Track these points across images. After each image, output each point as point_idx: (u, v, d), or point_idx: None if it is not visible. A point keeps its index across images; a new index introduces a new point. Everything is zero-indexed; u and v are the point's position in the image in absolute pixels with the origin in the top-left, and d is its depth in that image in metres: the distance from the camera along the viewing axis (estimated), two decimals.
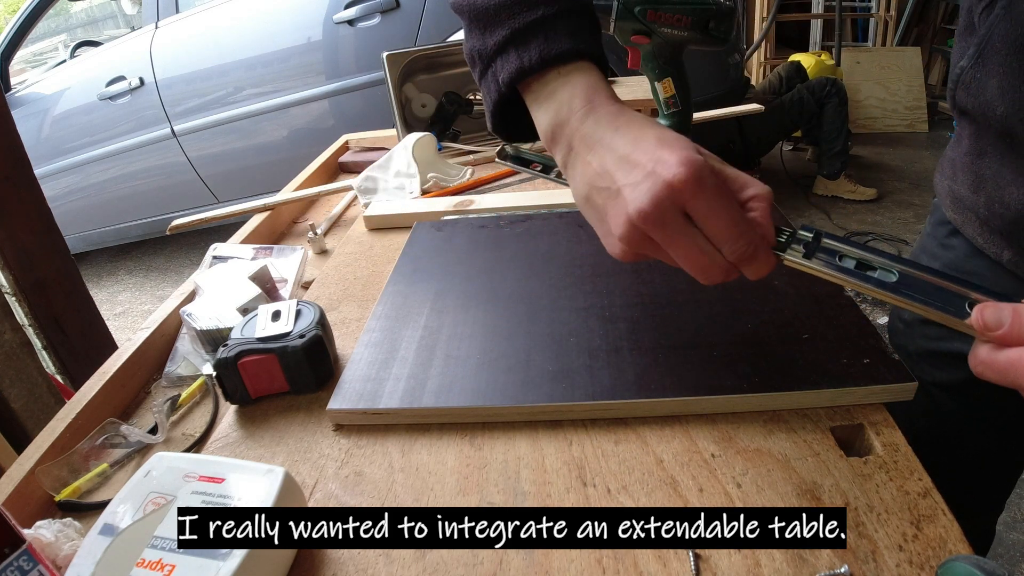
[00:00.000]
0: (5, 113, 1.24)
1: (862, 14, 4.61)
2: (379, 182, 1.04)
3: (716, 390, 0.47)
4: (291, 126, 2.86)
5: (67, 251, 1.34)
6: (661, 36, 0.86)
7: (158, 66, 2.87)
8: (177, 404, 0.62)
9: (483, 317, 0.59)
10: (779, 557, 0.36)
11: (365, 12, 2.54)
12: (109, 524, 0.38)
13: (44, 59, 4.88)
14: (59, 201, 3.18)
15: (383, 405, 0.50)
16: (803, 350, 0.50)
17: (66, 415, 0.58)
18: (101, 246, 3.60)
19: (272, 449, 0.50)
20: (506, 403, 0.49)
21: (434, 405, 0.49)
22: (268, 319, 0.56)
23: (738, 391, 0.47)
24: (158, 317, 0.73)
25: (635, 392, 0.48)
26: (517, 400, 0.49)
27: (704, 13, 0.84)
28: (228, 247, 0.87)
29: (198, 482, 0.40)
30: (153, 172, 3.13)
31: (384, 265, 0.77)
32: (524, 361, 0.52)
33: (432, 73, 1.24)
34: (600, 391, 0.48)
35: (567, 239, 0.72)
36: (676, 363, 0.50)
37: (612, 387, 0.48)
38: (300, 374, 0.54)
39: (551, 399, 0.48)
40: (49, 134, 3.18)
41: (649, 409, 0.48)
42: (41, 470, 0.53)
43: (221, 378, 0.53)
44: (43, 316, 1.25)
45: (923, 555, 0.36)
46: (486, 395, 0.49)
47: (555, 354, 0.53)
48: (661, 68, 0.90)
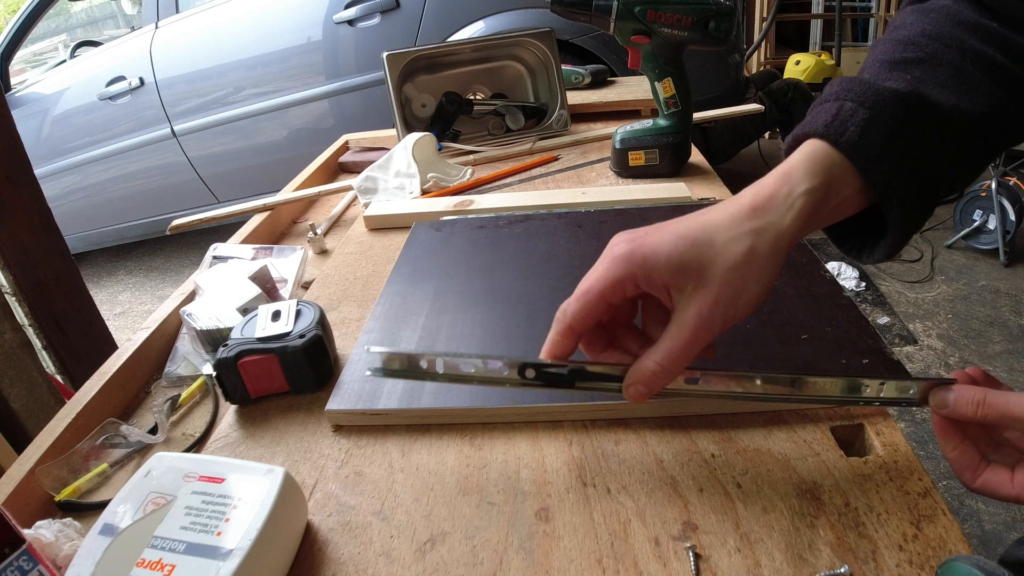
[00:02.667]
0: (5, 113, 1.24)
1: (862, 14, 4.61)
2: (379, 182, 1.04)
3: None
4: (291, 126, 2.86)
5: (67, 251, 1.34)
6: (661, 36, 0.87)
7: (158, 66, 2.87)
8: (177, 404, 0.62)
9: (482, 317, 0.59)
10: (779, 557, 0.36)
11: (365, 12, 2.54)
12: (109, 524, 0.38)
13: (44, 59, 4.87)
14: (59, 201, 3.18)
15: (382, 405, 0.50)
16: (802, 350, 0.50)
17: (66, 415, 0.58)
18: (101, 246, 3.60)
19: (272, 449, 0.50)
20: (505, 404, 0.49)
21: (433, 406, 0.49)
22: (268, 319, 0.56)
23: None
24: (158, 317, 0.73)
25: None
26: (516, 401, 0.49)
27: (704, 13, 0.84)
28: (228, 247, 0.87)
29: (198, 482, 0.40)
30: (153, 172, 3.13)
31: (384, 265, 0.77)
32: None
33: (432, 73, 1.24)
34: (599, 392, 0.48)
35: (567, 239, 0.72)
36: None
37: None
38: (300, 374, 0.54)
39: (551, 400, 0.48)
40: (49, 134, 3.18)
41: (649, 410, 0.48)
42: (41, 470, 0.53)
43: (221, 378, 0.53)
44: (43, 316, 1.25)
45: (923, 555, 0.36)
46: (485, 396, 0.49)
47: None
48: (661, 68, 0.90)
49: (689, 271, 0.38)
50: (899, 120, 0.39)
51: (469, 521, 0.41)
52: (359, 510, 0.43)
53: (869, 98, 0.40)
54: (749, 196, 0.40)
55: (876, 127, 0.39)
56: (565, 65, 1.38)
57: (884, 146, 0.39)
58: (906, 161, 0.40)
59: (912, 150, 0.40)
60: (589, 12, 0.88)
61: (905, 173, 0.40)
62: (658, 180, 0.95)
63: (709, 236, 0.39)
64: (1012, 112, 0.42)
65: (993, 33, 0.42)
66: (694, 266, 0.38)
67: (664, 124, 0.94)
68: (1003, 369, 1.95)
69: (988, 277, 2.42)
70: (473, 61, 1.26)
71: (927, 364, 2.00)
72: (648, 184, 0.91)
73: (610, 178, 1.01)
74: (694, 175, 0.96)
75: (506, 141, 1.22)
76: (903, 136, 0.39)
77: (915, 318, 2.23)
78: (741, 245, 0.38)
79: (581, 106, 1.34)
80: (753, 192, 0.40)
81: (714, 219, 0.39)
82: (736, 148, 3.18)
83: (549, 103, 1.25)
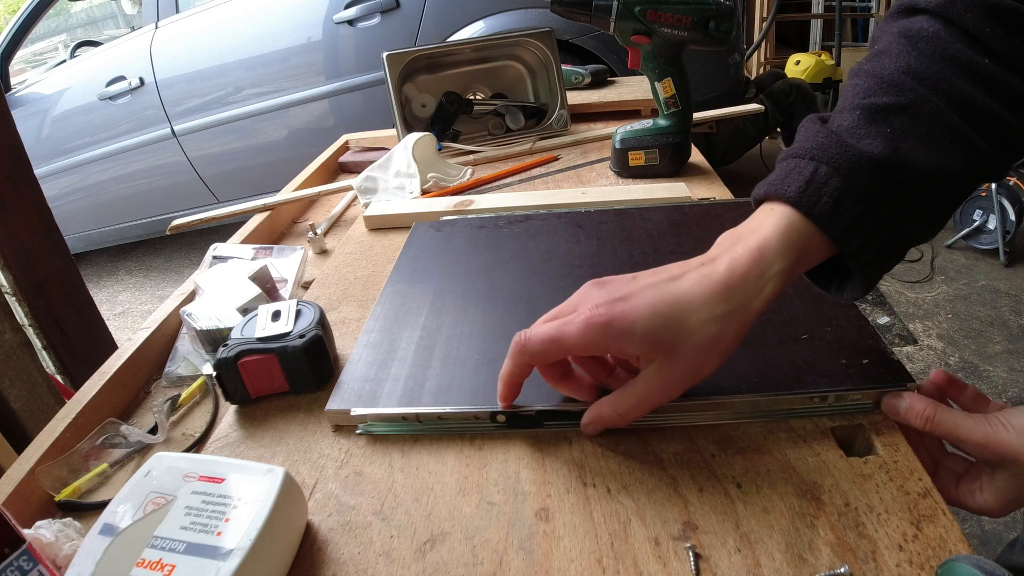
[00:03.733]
0: (5, 113, 1.24)
1: (862, 14, 4.61)
2: (379, 182, 1.04)
3: (715, 391, 0.47)
4: (291, 126, 2.86)
5: (67, 251, 1.34)
6: (661, 36, 0.87)
7: (158, 66, 2.87)
8: (177, 404, 0.62)
9: (482, 317, 0.59)
10: (779, 557, 0.36)
11: (365, 12, 2.54)
12: (109, 524, 0.38)
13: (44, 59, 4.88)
14: (59, 201, 3.18)
15: (381, 407, 0.50)
16: (802, 350, 0.50)
17: (66, 415, 0.58)
18: (101, 246, 3.60)
19: (272, 449, 0.50)
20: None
21: (432, 408, 0.49)
22: (268, 319, 0.56)
23: (736, 392, 0.47)
24: (158, 317, 0.73)
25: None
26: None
27: (704, 13, 0.84)
28: (228, 247, 0.87)
29: (198, 482, 0.40)
30: (153, 172, 3.13)
31: (384, 265, 0.77)
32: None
33: (432, 73, 1.24)
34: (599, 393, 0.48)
35: (567, 239, 0.72)
36: None
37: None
38: (300, 374, 0.54)
39: (550, 401, 0.48)
40: (49, 134, 3.18)
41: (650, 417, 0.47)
42: (41, 470, 0.53)
43: (221, 378, 0.53)
44: (43, 316, 1.25)
45: (923, 555, 0.36)
46: (485, 397, 0.49)
47: None
48: (661, 68, 0.90)
49: (660, 346, 0.41)
50: (874, 188, 0.39)
51: (469, 521, 0.41)
52: (359, 510, 0.43)
53: (844, 164, 0.39)
54: (724, 272, 0.41)
55: (850, 196, 0.39)
56: (565, 65, 1.38)
57: (858, 217, 0.40)
58: (879, 226, 0.40)
59: (886, 214, 0.40)
60: (589, 12, 0.88)
61: (878, 237, 0.40)
62: (658, 180, 0.95)
63: (682, 315, 0.40)
64: (992, 159, 0.41)
65: (983, 73, 0.40)
66: (666, 342, 0.41)
67: (664, 124, 0.94)
68: (1003, 369, 1.95)
69: (988, 277, 2.42)
70: (473, 61, 1.26)
71: (927, 364, 2.00)
72: (648, 184, 0.91)
73: (610, 178, 1.01)
74: (694, 175, 0.96)
75: (506, 141, 1.22)
76: (878, 204, 0.40)
77: (915, 318, 2.23)
78: (711, 329, 0.40)
79: (581, 106, 1.35)
80: (728, 268, 0.41)
81: (688, 296, 0.41)
82: (739, 151, 3.18)
83: (549, 103, 1.25)
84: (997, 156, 0.41)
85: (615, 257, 0.67)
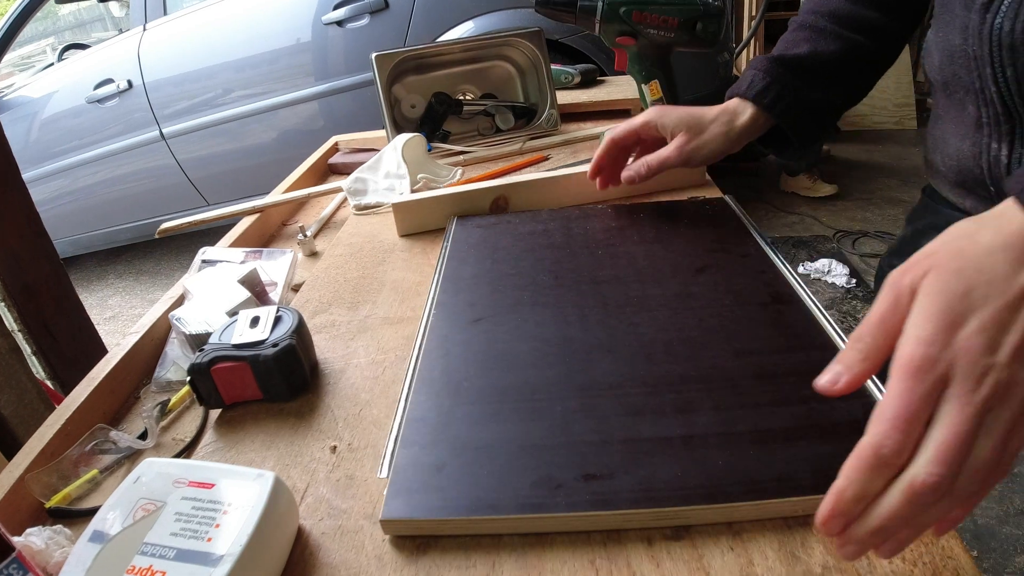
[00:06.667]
0: None
1: None
2: (369, 183, 1.04)
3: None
4: (280, 128, 2.85)
5: (56, 255, 1.33)
6: (647, 38, 0.86)
7: (146, 68, 2.85)
8: (167, 409, 0.62)
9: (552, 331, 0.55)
10: (771, 555, 0.37)
11: (354, 13, 2.54)
12: (99, 531, 0.38)
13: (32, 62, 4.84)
14: (48, 205, 3.16)
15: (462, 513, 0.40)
16: (759, 360, 0.50)
17: (55, 421, 0.58)
18: (90, 250, 3.58)
19: (262, 454, 0.50)
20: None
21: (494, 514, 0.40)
22: (247, 325, 0.56)
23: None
24: (147, 321, 0.72)
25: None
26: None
27: (692, 14, 0.84)
28: (217, 250, 0.86)
29: (188, 487, 0.40)
30: (142, 175, 3.11)
31: (374, 267, 0.77)
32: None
33: (421, 74, 1.23)
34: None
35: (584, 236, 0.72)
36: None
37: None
38: (272, 383, 0.54)
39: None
40: (37, 138, 3.16)
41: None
42: (31, 477, 0.52)
43: (195, 383, 0.54)
44: (32, 321, 1.24)
45: (916, 551, 0.36)
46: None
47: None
48: (648, 70, 0.90)
49: (685, 128, 0.72)
50: (779, 74, 0.71)
51: None
52: (351, 514, 0.43)
53: (762, 65, 0.72)
54: (720, 107, 0.73)
55: (761, 80, 0.72)
56: (554, 65, 1.38)
57: (777, 94, 0.71)
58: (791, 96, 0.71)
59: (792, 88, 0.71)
60: (574, 13, 0.88)
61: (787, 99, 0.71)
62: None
63: (703, 115, 0.73)
64: (862, 45, 0.70)
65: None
66: (691, 127, 0.72)
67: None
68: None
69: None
70: (462, 61, 1.26)
71: None
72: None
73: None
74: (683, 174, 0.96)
75: (496, 141, 1.22)
76: (785, 82, 0.71)
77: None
78: (719, 126, 0.73)
79: (571, 106, 1.35)
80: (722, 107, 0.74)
81: (709, 112, 0.73)
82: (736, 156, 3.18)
83: (539, 103, 1.25)
84: (866, 43, 0.70)
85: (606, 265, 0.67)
